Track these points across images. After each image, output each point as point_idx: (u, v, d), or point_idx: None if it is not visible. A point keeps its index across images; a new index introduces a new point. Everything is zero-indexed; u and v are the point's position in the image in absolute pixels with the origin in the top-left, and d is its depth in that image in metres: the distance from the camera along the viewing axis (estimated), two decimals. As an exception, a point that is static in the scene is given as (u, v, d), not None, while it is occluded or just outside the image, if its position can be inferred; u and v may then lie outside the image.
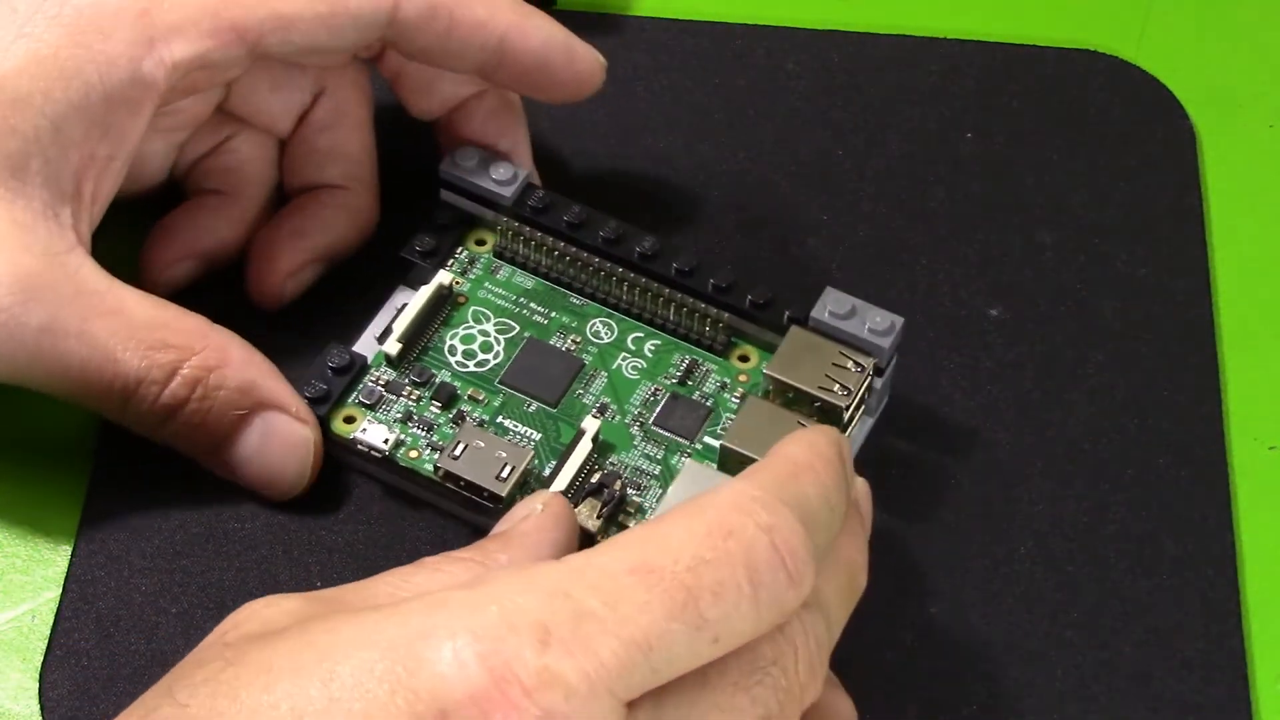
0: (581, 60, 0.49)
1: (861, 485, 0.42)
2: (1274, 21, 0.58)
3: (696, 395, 0.47)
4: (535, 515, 0.41)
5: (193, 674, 0.35)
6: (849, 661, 0.42)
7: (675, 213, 0.51)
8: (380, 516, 0.46)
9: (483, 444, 0.45)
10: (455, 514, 0.46)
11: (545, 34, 0.48)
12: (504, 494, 0.45)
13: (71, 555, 0.46)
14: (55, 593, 0.45)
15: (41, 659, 0.44)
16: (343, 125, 0.50)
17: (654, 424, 0.47)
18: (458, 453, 0.45)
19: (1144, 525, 0.47)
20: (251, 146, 0.50)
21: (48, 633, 0.45)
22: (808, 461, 0.38)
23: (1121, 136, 0.55)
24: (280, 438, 0.45)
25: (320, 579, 0.45)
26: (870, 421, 0.48)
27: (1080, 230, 0.53)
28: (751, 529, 0.35)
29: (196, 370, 0.44)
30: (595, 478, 0.45)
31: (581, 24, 0.56)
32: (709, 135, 0.54)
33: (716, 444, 0.46)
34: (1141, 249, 0.52)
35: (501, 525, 0.41)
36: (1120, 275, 0.52)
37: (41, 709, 0.43)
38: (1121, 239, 0.52)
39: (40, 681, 0.44)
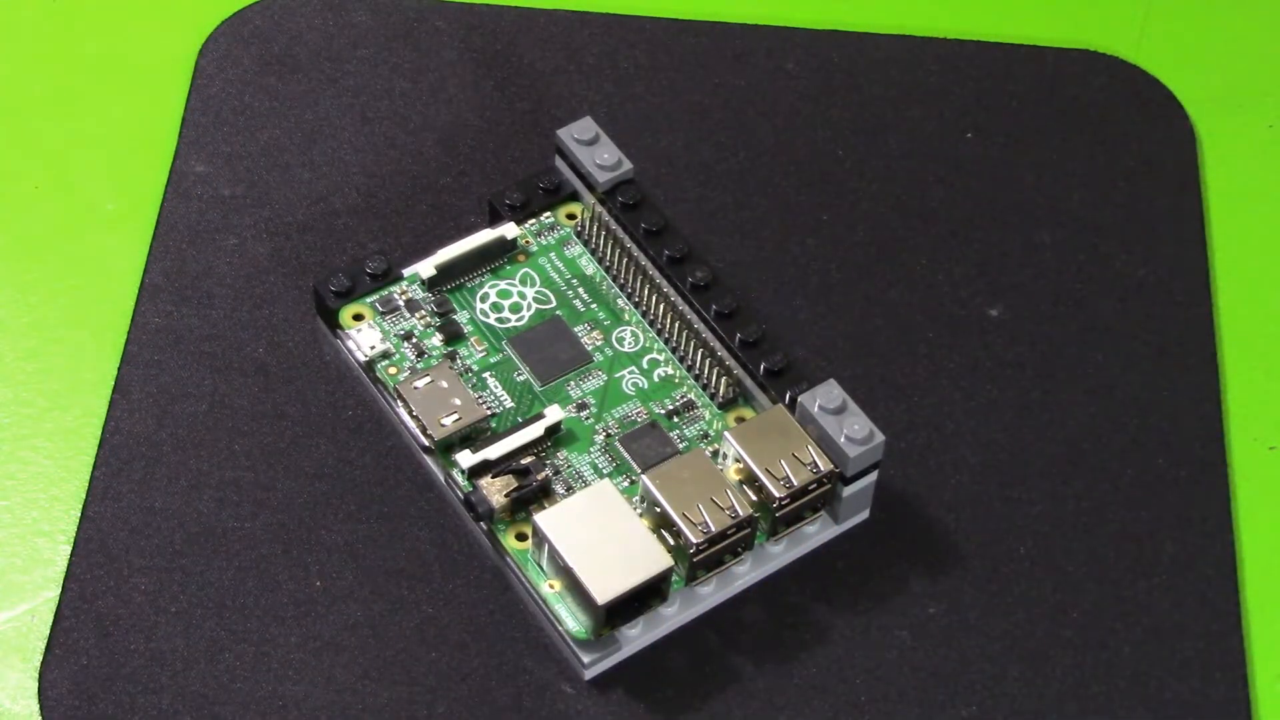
0: None
1: None
2: (1274, 21, 0.58)
3: (675, 434, 0.46)
4: None
5: None
6: (849, 661, 0.42)
7: (675, 213, 0.51)
8: (380, 516, 0.46)
9: (446, 385, 0.45)
10: (433, 481, 0.46)
11: None
12: (436, 438, 0.45)
13: (71, 555, 0.46)
14: (54, 592, 0.45)
15: (41, 659, 0.44)
16: None
17: (619, 440, 0.46)
18: (419, 384, 0.45)
19: (1144, 525, 0.47)
20: None
21: (47, 632, 0.45)
22: None
23: (1121, 136, 0.55)
24: None
25: (320, 578, 0.45)
26: (839, 529, 0.46)
27: (1080, 230, 0.52)
28: None
29: None
30: (527, 460, 0.45)
31: (582, 24, 0.56)
32: (709, 135, 0.54)
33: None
34: (1141, 249, 0.52)
35: None
36: (1120, 275, 0.52)
37: (41, 708, 0.43)
38: (1121, 239, 0.52)
39: (39, 681, 0.44)
